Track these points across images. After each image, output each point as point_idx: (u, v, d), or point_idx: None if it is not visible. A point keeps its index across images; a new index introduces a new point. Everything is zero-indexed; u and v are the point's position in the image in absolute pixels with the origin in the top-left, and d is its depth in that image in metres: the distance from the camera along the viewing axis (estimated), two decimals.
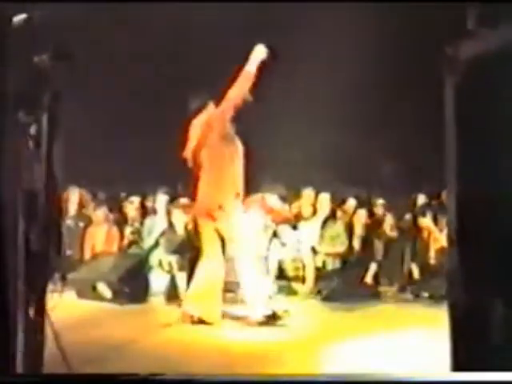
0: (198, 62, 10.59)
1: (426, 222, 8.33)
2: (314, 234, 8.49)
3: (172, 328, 6.14)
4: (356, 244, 8.59)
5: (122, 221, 9.25)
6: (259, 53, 6.36)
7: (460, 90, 2.29)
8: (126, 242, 8.94)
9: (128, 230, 8.99)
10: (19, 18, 2.80)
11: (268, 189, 8.79)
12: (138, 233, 8.88)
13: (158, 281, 7.99)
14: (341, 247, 8.40)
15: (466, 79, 2.27)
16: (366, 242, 8.59)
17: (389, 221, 8.66)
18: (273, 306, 6.29)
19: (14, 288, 2.55)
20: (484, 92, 2.28)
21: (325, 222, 8.57)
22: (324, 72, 9.99)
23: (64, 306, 3.53)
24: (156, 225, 8.79)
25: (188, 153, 6.59)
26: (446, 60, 2.28)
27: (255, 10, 9.77)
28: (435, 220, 8.31)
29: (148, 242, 8.61)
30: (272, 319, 6.15)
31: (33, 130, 2.86)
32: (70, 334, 3.83)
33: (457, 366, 2.43)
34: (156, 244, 8.53)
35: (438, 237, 8.13)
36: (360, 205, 9.07)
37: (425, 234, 8.39)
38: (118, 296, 7.41)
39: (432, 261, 8.25)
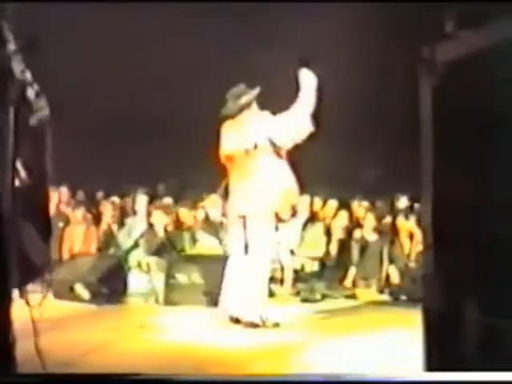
0: None
1: (408, 224, 8.36)
2: (294, 236, 8.48)
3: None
4: (335, 246, 8.60)
5: (100, 221, 9.20)
6: (308, 78, 6.32)
7: (437, 93, 2.29)
8: (99, 242, 8.89)
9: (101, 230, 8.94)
10: None
11: None
12: (110, 233, 8.83)
13: (136, 282, 7.95)
14: (320, 250, 8.41)
15: (442, 82, 2.27)
16: (345, 244, 8.60)
17: (369, 222, 8.67)
18: (263, 315, 6.24)
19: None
20: (461, 94, 2.29)
21: (305, 225, 8.59)
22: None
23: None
24: (135, 226, 8.75)
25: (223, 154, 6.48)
26: (423, 62, 2.29)
27: None
28: (418, 223, 8.34)
29: (127, 243, 8.56)
30: (257, 327, 6.12)
31: None
32: (47, 335, 3.79)
33: (430, 368, 2.44)
34: (135, 245, 8.49)
35: (419, 240, 8.16)
36: (340, 207, 9.09)
37: (404, 237, 8.42)
38: (96, 297, 7.37)
39: (411, 264, 8.28)
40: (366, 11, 9.42)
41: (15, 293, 3.08)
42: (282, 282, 8.30)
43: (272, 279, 8.25)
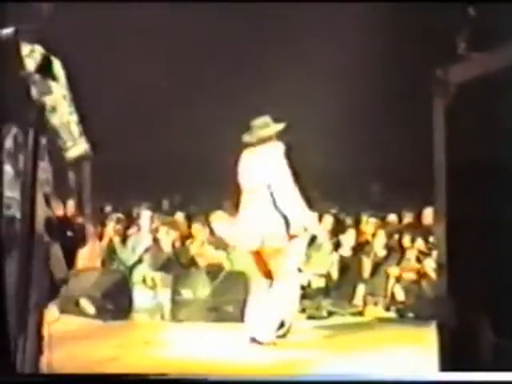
0: None
1: (415, 241, 8.32)
2: (300, 252, 8.45)
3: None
4: (342, 263, 8.56)
5: (104, 235, 9.18)
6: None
7: (450, 114, 2.30)
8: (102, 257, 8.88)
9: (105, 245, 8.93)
10: (7, 31, 2.82)
11: None
12: (114, 248, 8.82)
13: (141, 297, 7.94)
14: (327, 267, 8.38)
15: (455, 103, 2.28)
16: (353, 261, 8.57)
17: (380, 239, 8.66)
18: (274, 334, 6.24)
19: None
20: (474, 116, 2.29)
21: (312, 241, 8.56)
22: (312, 92, 10.10)
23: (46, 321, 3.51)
24: (140, 241, 8.73)
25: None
26: (437, 83, 2.30)
27: None
28: (425, 240, 8.33)
29: (131, 258, 8.54)
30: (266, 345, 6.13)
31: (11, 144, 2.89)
32: (52, 349, 3.79)
33: None
34: (139, 260, 8.47)
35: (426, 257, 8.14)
36: (349, 223, 9.09)
37: (411, 254, 8.38)
38: (101, 312, 7.36)
39: (418, 281, 8.23)
40: (379, 33, 9.51)
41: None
42: None
43: None
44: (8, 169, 2.95)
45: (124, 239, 8.88)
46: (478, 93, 2.27)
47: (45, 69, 2.81)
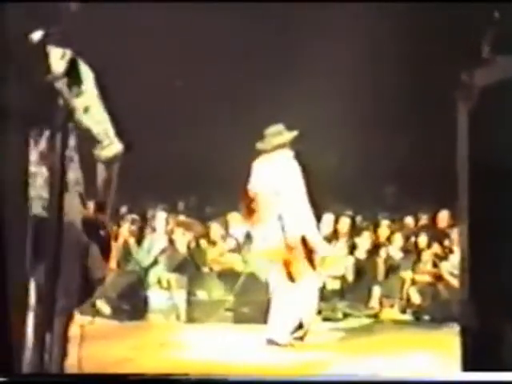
0: None
1: (431, 243, 8.27)
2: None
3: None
4: (357, 265, 8.54)
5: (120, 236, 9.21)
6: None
7: (474, 117, 2.30)
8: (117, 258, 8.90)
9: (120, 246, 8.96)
10: (36, 34, 2.83)
11: None
12: (127, 250, 8.84)
13: (156, 298, 7.96)
14: (342, 270, 8.36)
15: (480, 106, 2.28)
16: (368, 263, 8.55)
17: (397, 242, 8.64)
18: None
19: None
20: (498, 119, 2.29)
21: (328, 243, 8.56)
22: (332, 94, 10.10)
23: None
24: (155, 242, 8.75)
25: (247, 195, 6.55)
26: (461, 87, 2.30)
27: None
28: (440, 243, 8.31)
29: (147, 260, 8.56)
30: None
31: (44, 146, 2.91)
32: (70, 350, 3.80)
33: None
34: (155, 261, 8.49)
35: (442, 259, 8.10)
36: (365, 225, 9.08)
37: (427, 256, 8.35)
38: (117, 313, 7.39)
39: (434, 284, 8.20)
40: (402, 36, 9.51)
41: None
42: None
43: None
44: (43, 171, 2.96)
45: (139, 240, 8.90)
46: (502, 96, 2.26)
47: (74, 71, 2.84)
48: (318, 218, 8.97)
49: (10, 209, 2.68)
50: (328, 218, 8.88)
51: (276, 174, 6.38)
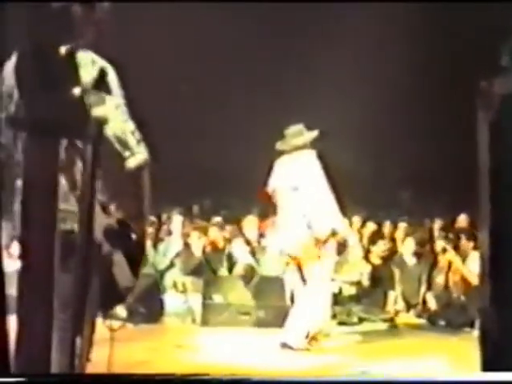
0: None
1: (449, 255, 8.22)
2: (332, 259, 8.45)
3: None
4: (373, 270, 8.51)
5: None
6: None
7: (494, 126, 2.30)
8: None
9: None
10: (68, 46, 2.86)
11: None
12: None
13: (172, 302, 7.98)
14: (358, 274, 8.34)
15: (500, 115, 2.28)
16: (384, 267, 8.53)
17: (409, 246, 8.61)
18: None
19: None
20: None
21: (343, 247, 8.54)
22: (351, 98, 10.14)
23: None
24: (171, 246, 8.78)
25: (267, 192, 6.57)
26: (481, 95, 2.30)
27: None
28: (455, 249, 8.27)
29: (163, 263, 8.59)
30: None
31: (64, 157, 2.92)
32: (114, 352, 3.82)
33: None
34: (171, 265, 8.52)
35: (460, 269, 8.04)
36: (378, 229, 9.06)
37: (443, 261, 8.31)
38: (133, 316, 7.40)
39: (450, 289, 8.16)
40: (422, 45, 9.53)
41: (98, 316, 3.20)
42: None
43: None
44: (62, 181, 2.96)
45: (155, 244, 8.94)
46: None
47: (100, 80, 2.85)
48: None
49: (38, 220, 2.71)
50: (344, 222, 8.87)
51: (298, 173, 6.35)
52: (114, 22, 3.01)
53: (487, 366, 2.47)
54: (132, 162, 3.06)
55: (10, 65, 2.99)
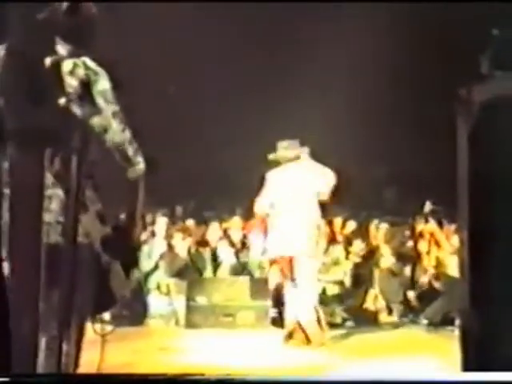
0: None
1: (430, 227, 8.32)
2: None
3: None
4: (355, 269, 8.56)
5: None
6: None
7: (473, 132, 2.35)
8: None
9: None
10: (53, 58, 2.85)
11: None
12: None
13: (156, 304, 7.98)
14: (341, 274, 8.39)
15: (479, 122, 2.33)
16: (365, 267, 8.58)
17: (392, 246, 8.68)
18: None
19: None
20: (497, 134, 2.34)
21: (326, 249, 8.59)
22: (335, 101, 10.21)
23: None
24: (155, 247, 8.76)
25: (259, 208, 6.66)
26: (460, 102, 2.35)
27: None
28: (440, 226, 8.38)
29: (147, 265, 8.57)
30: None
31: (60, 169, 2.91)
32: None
33: None
34: (155, 267, 8.50)
35: (442, 242, 8.13)
36: (359, 229, 9.11)
37: (425, 260, 8.40)
38: (117, 318, 7.39)
39: (429, 286, 8.24)
40: (404, 51, 9.63)
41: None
42: None
43: None
44: (59, 193, 2.95)
45: (139, 245, 8.91)
46: (501, 111, 2.31)
47: (89, 86, 2.84)
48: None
49: (24, 234, 2.72)
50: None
51: (298, 182, 6.51)
52: (102, 25, 3.01)
53: (468, 366, 2.52)
54: (132, 173, 3.05)
55: None
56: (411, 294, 8.26)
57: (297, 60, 10.57)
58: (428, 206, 8.91)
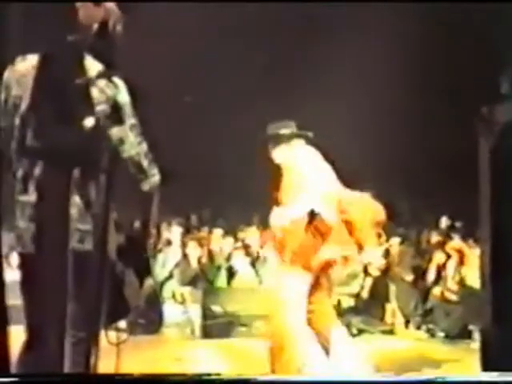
0: None
1: (455, 243, 8.26)
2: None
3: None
4: (371, 281, 8.51)
5: None
6: None
7: (494, 151, 2.34)
8: None
9: None
10: (83, 78, 2.87)
11: None
12: None
13: (171, 313, 7.98)
14: (357, 287, 8.34)
15: (501, 141, 2.32)
16: (382, 279, 8.52)
17: (409, 258, 8.63)
18: None
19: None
20: None
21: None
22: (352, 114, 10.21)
23: None
24: (170, 256, 8.77)
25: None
26: (482, 121, 2.34)
27: None
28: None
29: (162, 274, 8.58)
30: None
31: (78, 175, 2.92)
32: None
33: None
34: (170, 276, 8.51)
35: (468, 258, 8.04)
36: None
37: (441, 271, 8.33)
38: (133, 327, 7.40)
39: (446, 299, 8.17)
40: (426, 71, 9.64)
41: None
42: None
43: None
44: (77, 201, 2.97)
45: (154, 254, 8.93)
46: None
47: (117, 107, 2.86)
48: None
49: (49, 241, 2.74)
50: None
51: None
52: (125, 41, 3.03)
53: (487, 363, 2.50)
54: (146, 185, 3.06)
55: (16, 73, 2.99)
56: (428, 307, 8.20)
57: (314, 68, 10.57)
58: (445, 222, 8.87)
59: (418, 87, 10.25)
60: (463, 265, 8.18)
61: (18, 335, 3.17)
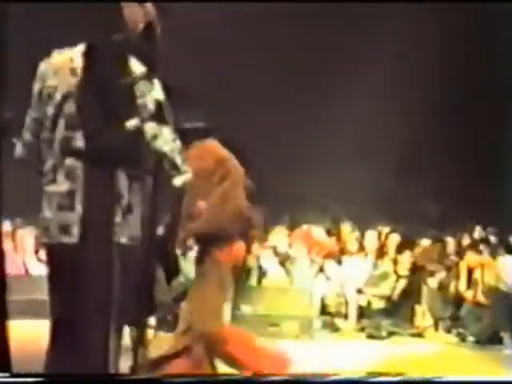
0: None
1: (483, 259, 8.16)
2: (361, 273, 8.40)
3: None
4: (402, 283, 8.44)
5: None
6: None
7: None
8: None
9: None
10: (127, 78, 2.90)
11: (314, 221, 8.84)
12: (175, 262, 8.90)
13: None
14: (388, 289, 8.27)
15: None
16: (413, 281, 8.45)
17: (441, 260, 8.55)
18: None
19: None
20: None
21: (375, 264, 8.50)
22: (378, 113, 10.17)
23: None
24: None
25: None
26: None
27: None
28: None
29: (192, 271, 8.59)
30: None
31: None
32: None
33: None
34: None
35: (491, 266, 7.95)
36: (405, 244, 9.00)
37: (474, 275, 8.23)
38: (162, 323, 7.45)
39: (477, 303, 8.08)
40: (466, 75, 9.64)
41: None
42: (346, 316, 8.23)
43: (336, 314, 8.21)
44: (124, 202, 2.98)
45: (184, 252, 8.95)
46: None
47: (161, 108, 2.88)
48: (362, 234, 9.02)
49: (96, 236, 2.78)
50: (372, 235, 8.86)
51: None
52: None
53: None
54: (178, 181, 3.07)
55: (52, 65, 3.03)
56: (458, 310, 8.11)
57: (342, 80, 10.55)
58: (479, 232, 8.74)
59: (455, 88, 10.20)
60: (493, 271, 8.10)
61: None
